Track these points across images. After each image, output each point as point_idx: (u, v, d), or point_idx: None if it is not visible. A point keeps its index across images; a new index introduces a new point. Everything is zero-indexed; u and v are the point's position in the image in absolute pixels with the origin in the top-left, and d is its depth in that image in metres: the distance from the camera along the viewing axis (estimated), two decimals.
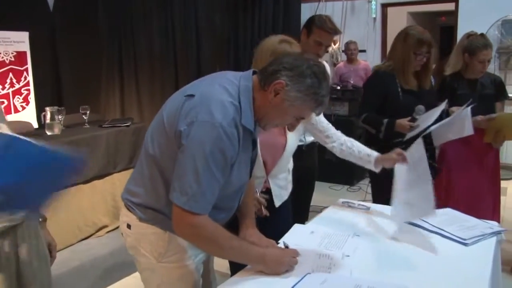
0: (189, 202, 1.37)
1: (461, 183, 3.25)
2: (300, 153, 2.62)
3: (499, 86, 3.19)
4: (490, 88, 3.12)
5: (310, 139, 2.78)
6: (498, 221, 3.30)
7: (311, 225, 1.97)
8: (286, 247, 1.62)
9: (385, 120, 2.64)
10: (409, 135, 2.58)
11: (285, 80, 1.40)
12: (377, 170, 2.08)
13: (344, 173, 5.05)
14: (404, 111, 2.62)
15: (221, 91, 1.42)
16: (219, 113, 1.36)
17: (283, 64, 1.42)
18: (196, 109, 1.37)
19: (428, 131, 2.60)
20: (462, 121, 2.76)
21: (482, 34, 3.07)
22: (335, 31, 2.64)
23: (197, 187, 1.36)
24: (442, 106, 2.56)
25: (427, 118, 2.55)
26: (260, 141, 1.88)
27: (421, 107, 2.60)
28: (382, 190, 2.79)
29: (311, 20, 2.66)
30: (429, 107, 2.63)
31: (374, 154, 2.06)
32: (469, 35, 3.13)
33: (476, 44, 3.01)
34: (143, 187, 1.54)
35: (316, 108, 1.46)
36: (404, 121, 2.59)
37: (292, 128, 1.58)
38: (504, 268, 3.17)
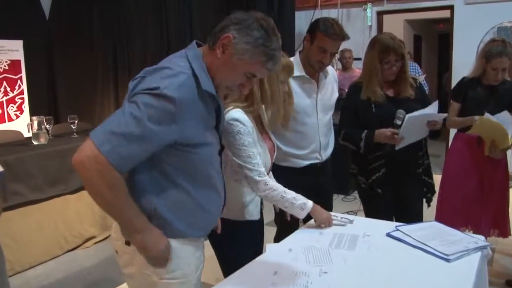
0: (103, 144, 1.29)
1: (458, 195, 3.18)
2: (315, 170, 2.55)
3: None
4: (508, 95, 2.96)
5: (326, 155, 2.59)
6: (507, 234, 3.19)
7: (290, 241, 1.92)
8: None
9: (363, 134, 2.47)
10: (398, 147, 2.42)
11: (233, 34, 1.38)
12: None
13: (340, 183, 4.96)
14: (377, 122, 2.45)
15: (167, 65, 1.40)
16: (162, 82, 1.32)
17: (231, 19, 1.40)
18: (140, 83, 1.37)
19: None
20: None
21: (503, 41, 2.90)
22: (341, 37, 2.32)
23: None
24: (434, 105, 2.43)
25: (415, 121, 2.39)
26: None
27: (401, 111, 2.39)
28: (368, 203, 2.73)
29: (315, 24, 2.35)
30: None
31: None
32: (492, 40, 3.00)
33: (492, 51, 2.88)
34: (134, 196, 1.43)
35: (267, 62, 1.41)
36: (382, 131, 2.40)
37: (244, 89, 1.51)
38: (496, 282, 3.11)
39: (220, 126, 1.57)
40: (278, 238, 2.62)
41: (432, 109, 2.44)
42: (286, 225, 2.63)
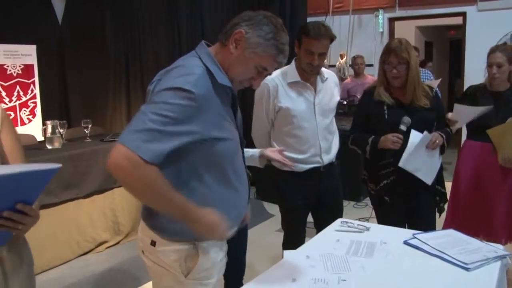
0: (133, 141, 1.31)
1: (468, 203, 3.14)
2: (318, 174, 2.55)
3: None
4: None
5: (328, 158, 2.58)
6: None
7: (307, 248, 1.90)
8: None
9: (370, 139, 2.48)
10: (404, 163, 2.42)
11: (245, 29, 1.44)
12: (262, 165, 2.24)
13: (351, 189, 4.94)
14: (389, 127, 2.42)
15: (181, 64, 1.46)
16: (180, 80, 1.37)
17: (242, 17, 1.48)
18: (158, 85, 1.42)
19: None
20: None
21: (504, 43, 3.00)
22: (325, 36, 2.33)
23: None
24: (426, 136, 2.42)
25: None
26: None
27: (407, 118, 2.39)
28: (379, 211, 2.70)
29: (300, 29, 2.39)
30: (421, 124, 2.42)
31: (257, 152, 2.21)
32: None
33: (490, 50, 2.96)
34: None
35: (278, 55, 1.47)
36: (387, 136, 2.39)
37: (255, 83, 1.54)
38: None
39: (237, 121, 1.60)
40: (286, 243, 2.63)
41: (415, 137, 2.40)
42: (293, 229, 2.65)
